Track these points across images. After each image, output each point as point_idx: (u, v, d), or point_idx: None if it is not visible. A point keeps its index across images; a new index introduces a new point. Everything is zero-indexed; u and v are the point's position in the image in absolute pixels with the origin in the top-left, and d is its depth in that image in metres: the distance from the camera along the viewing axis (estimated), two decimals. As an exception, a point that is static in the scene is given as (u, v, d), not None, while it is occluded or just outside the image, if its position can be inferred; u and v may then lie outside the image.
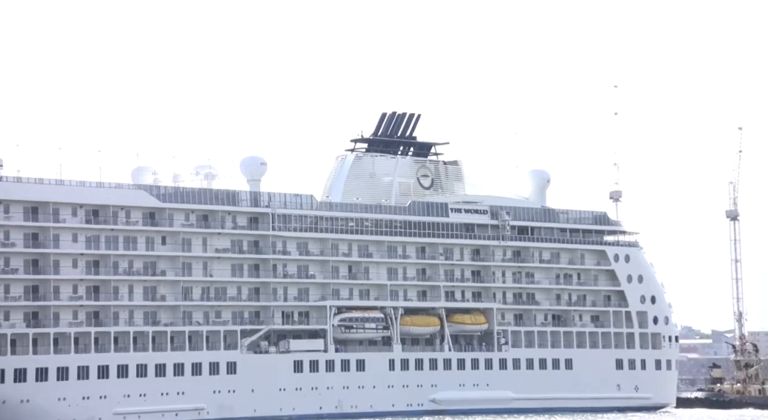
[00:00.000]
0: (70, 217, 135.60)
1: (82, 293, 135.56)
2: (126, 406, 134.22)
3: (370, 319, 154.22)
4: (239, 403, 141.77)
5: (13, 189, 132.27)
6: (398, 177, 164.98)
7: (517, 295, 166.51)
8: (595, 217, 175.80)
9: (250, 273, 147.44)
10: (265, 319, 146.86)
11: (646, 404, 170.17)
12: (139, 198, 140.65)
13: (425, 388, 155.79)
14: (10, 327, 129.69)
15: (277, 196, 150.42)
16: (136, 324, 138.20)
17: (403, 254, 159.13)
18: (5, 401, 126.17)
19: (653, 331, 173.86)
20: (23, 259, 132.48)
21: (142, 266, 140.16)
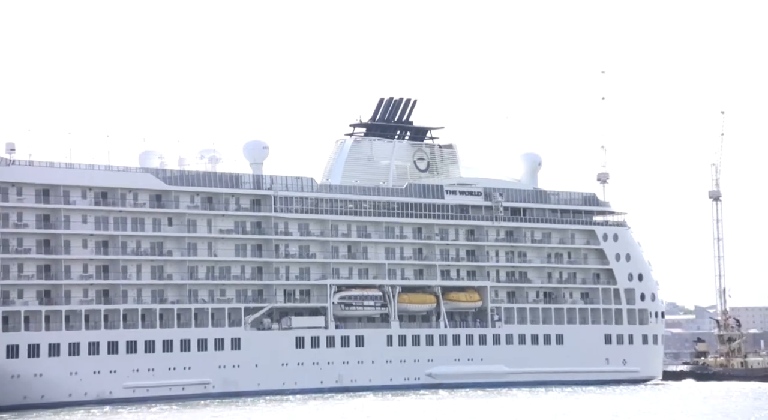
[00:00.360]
0: (80, 199, 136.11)
1: (92, 272, 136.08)
2: (135, 381, 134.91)
3: (368, 297, 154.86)
4: (243, 377, 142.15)
5: (26, 172, 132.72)
6: (395, 160, 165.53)
7: (510, 274, 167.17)
8: (585, 198, 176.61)
9: (253, 253, 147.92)
10: (267, 297, 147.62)
11: (634, 377, 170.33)
12: (146, 181, 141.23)
13: (422, 363, 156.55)
14: (23, 304, 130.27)
15: (278, 179, 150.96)
16: (144, 302, 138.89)
17: (401, 234, 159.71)
18: (19, 375, 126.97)
19: (640, 307, 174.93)
20: (35, 239, 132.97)
21: (150, 246, 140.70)
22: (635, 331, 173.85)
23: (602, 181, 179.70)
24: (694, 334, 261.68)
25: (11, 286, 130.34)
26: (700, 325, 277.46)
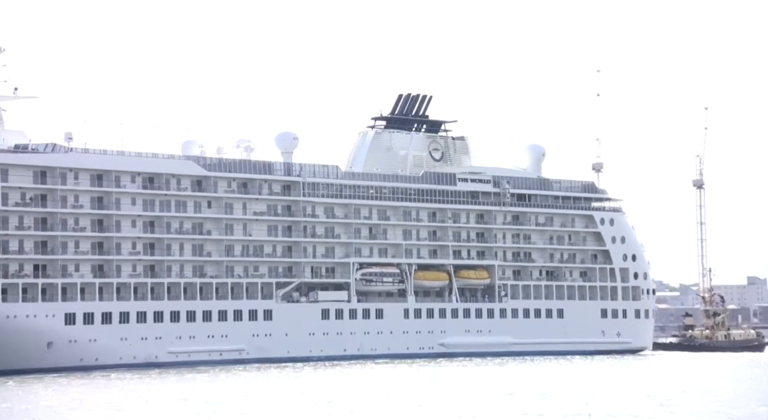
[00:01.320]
0: (130, 183, 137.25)
1: (140, 249, 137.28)
2: (178, 346, 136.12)
3: (387, 274, 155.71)
4: (274, 345, 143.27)
5: (82, 159, 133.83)
6: (412, 150, 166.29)
7: (516, 254, 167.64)
8: (584, 186, 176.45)
9: (283, 233, 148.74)
10: (296, 273, 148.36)
11: (627, 348, 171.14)
12: (188, 167, 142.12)
13: (435, 334, 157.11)
14: (79, 277, 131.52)
15: (307, 167, 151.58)
16: (185, 276, 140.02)
17: (417, 218, 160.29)
18: (76, 340, 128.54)
19: (633, 285, 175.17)
20: (90, 219, 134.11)
21: (191, 226, 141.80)
22: (628, 307, 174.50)
23: (597, 171, 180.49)
24: (678, 309, 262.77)
25: (69, 261, 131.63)
26: (683, 301, 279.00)
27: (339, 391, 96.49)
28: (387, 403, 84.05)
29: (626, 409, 75.39)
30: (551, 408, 77.01)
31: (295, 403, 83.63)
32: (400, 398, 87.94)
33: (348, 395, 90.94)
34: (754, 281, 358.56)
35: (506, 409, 77.63)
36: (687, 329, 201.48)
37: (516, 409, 77.95)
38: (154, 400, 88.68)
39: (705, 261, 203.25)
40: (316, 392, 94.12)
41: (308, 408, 79.22)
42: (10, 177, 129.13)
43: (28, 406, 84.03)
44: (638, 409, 76.94)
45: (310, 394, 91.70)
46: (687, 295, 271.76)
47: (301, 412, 75.59)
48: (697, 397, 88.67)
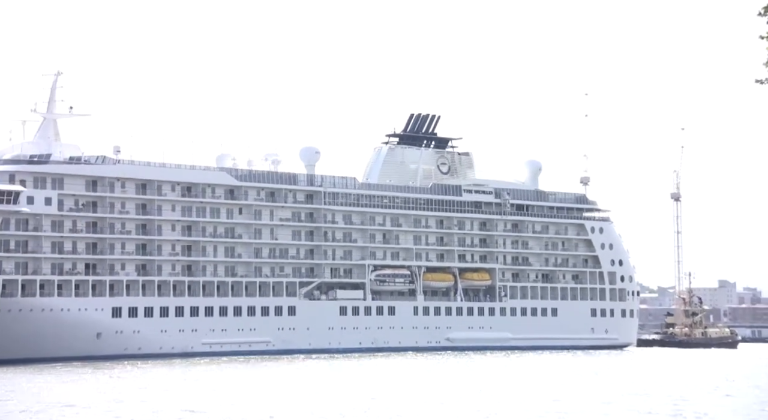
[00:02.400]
0: (170, 192, 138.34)
1: (178, 251, 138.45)
2: (211, 338, 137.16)
3: (399, 275, 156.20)
4: (297, 338, 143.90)
5: (128, 170, 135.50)
6: (422, 164, 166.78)
7: (515, 258, 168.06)
8: (576, 197, 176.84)
9: (306, 238, 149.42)
10: (317, 274, 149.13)
11: (614, 343, 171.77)
12: (221, 178, 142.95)
13: (442, 330, 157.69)
14: (125, 275, 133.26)
15: (327, 178, 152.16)
16: (219, 275, 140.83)
17: (426, 225, 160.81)
18: (122, 331, 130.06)
19: (620, 287, 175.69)
20: (135, 223, 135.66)
21: (224, 231, 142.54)
22: (615, 307, 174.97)
23: (584, 184, 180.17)
24: (657, 309, 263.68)
25: (116, 260, 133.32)
26: (661, 302, 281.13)
27: (359, 380, 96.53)
28: (404, 389, 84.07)
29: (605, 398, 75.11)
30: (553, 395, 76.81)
31: (321, 391, 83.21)
32: (417, 386, 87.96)
33: (368, 384, 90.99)
34: (725, 284, 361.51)
35: (516, 395, 77.78)
36: (668, 327, 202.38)
37: (520, 394, 78.35)
38: (187, 386, 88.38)
39: (681, 266, 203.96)
40: (337, 381, 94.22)
41: (333, 395, 78.85)
42: (66, 185, 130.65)
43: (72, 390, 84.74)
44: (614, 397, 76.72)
45: (333, 383, 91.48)
46: (664, 296, 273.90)
47: (327, 399, 74.92)
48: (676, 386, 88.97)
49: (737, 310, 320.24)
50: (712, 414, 64.50)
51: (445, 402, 69.89)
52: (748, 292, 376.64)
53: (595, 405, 67.51)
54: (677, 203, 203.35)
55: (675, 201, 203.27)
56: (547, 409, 63.95)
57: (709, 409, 67.12)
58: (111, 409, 65.33)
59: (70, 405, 67.80)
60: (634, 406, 67.78)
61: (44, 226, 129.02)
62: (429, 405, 67.05)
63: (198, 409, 64.63)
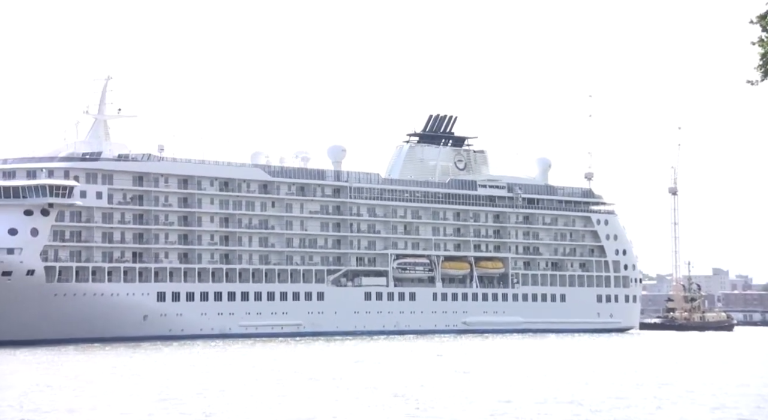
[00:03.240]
0: (209, 186, 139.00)
1: (216, 241, 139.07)
2: (247, 321, 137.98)
3: (419, 264, 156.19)
4: (326, 321, 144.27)
5: (171, 166, 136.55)
6: (440, 161, 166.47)
7: (526, 248, 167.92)
8: (583, 192, 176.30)
9: (333, 229, 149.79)
10: (344, 262, 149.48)
11: (618, 327, 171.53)
12: (256, 173, 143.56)
13: (458, 314, 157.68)
14: (168, 263, 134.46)
15: (353, 174, 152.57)
16: (253, 263, 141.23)
17: (444, 217, 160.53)
18: (165, 314, 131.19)
19: (624, 274, 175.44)
20: (177, 215, 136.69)
21: (258, 223, 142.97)
22: (619, 293, 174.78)
23: (588, 179, 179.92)
24: (655, 295, 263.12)
25: (160, 249, 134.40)
26: (660, 288, 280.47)
27: (387, 358, 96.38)
28: (426, 365, 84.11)
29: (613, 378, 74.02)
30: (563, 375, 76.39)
31: (349, 367, 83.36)
32: (439, 363, 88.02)
33: (394, 362, 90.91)
34: (718, 272, 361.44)
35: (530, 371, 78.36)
36: (668, 312, 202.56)
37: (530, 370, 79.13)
38: (226, 365, 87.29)
39: (678, 255, 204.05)
40: (368, 359, 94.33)
41: (364, 371, 79.22)
42: (115, 181, 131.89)
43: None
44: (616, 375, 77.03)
45: (363, 361, 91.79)
46: (663, 283, 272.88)
47: (356, 374, 74.68)
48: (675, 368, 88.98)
49: (730, 296, 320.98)
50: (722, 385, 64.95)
51: (470, 382, 69.17)
52: (740, 279, 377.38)
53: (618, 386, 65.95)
54: (674, 197, 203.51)
55: (672, 195, 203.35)
56: (573, 388, 63.38)
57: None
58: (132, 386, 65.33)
59: (90, 381, 68.12)
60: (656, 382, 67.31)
61: (95, 218, 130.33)
62: (455, 385, 66.24)
63: (227, 387, 64.28)
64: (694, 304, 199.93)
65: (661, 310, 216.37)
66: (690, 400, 56.30)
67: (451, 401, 53.52)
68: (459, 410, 49.94)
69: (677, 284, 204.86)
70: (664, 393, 59.53)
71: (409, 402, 52.80)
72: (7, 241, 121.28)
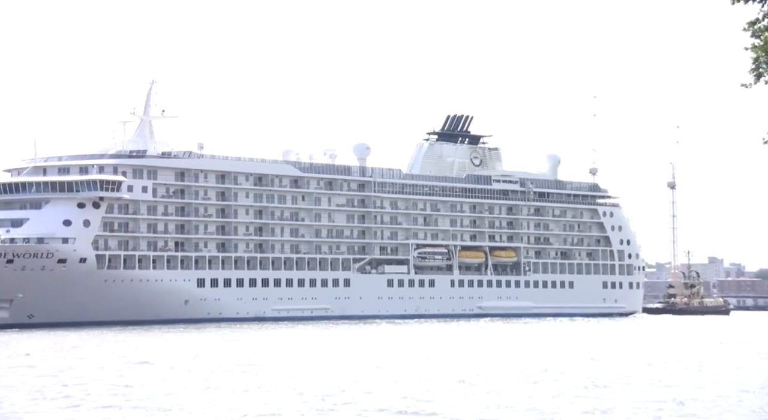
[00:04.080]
0: (244, 181, 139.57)
1: (251, 232, 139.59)
2: (279, 305, 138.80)
3: (438, 253, 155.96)
4: (352, 306, 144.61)
5: (210, 163, 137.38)
6: (458, 158, 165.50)
7: (537, 238, 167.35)
8: (590, 186, 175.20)
9: (359, 220, 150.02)
10: (368, 251, 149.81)
11: (622, 311, 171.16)
12: (287, 169, 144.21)
13: (474, 299, 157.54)
14: (208, 252, 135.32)
15: (377, 170, 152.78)
16: (285, 252, 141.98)
17: (460, 210, 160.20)
18: (205, 299, 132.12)
19: (628, 263, 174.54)
20: (215, 208, 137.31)
21: (289, 215, 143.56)
22: (624, 280, 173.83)
23: (593, 174, 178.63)
24: (655, 282, 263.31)
25: (200, 239, 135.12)
26: (659, 276, 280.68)
27: (411, 341, 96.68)
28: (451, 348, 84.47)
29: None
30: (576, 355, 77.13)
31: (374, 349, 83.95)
32: (461, 346, 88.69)
33: (417, 344, 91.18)
34: (713, 260, 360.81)
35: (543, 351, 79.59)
36: (670, 297, 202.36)
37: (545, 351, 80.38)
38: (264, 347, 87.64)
39: (676, 245, 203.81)
40: (393, 341, 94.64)
41: (386, 351, 79.50)
42: (159, 176, 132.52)
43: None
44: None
45: (388, 343, 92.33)
46: (662, 271, 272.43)
47: (382, 355, 74.80)
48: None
49: (724, 283, 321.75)
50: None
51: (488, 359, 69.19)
52: (733, 266, 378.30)
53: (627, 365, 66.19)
54: (673, 191, 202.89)
55: (671, 189, 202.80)
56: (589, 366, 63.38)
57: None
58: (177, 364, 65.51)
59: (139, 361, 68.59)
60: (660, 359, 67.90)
61: (141, 210, 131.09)
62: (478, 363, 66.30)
63: (261, 362, 64.88)
64: (694, 291, 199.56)
65: (660, 296, 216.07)
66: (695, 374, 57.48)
67: (485, 375, 54.44)
68: (496, 380, 51.16)
69: (675, 272, 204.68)
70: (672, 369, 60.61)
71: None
72: (62, 231, 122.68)
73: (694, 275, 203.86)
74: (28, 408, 42.81)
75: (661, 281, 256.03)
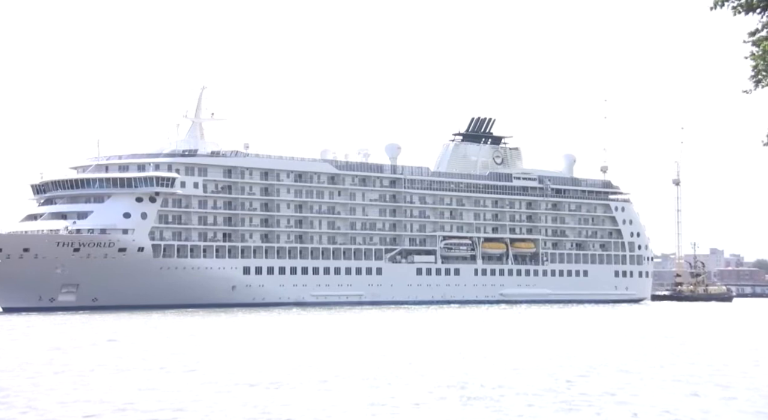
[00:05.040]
0: (286, 178, 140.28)
1: (292, 224, 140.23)
2: (317, 292, 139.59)
3: (463, 244, 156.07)
4: (383, 292, 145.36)
5: (255, 161, 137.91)
6: (481, 157, 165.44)
7: (554, 231, 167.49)
8: (603, 183, 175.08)
9: (390, 214, 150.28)
10: (399, 242, 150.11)
11: (632, 298, 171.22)
12: (325, 167, 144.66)
13: (496, 287, 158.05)
14: (252, 242, 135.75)
15: (406, 168, 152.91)
16: (323, 243, 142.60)
17: (483, 204, 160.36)
18: (250, 285, 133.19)
19: (638, 254, 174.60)
20: (259, 202, 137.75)
21: (327, 209, 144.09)
22: (634, 269, 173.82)
23: (603, 172, 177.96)
24: (661, 271, 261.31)
25: (245, 231, 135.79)
26: (664, 266, 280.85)
27: (441, 322, 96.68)
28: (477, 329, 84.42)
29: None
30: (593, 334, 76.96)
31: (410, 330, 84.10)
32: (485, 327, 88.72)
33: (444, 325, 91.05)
34: (715, 251, 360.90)
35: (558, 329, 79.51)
36: (677, 285, 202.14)
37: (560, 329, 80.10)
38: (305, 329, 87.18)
39: (680, 237, 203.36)
40: (424, 323, 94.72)
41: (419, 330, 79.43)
42: (208, 173, 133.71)
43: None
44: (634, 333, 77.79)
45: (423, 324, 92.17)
46: (667, 261, 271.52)
47: (416, 334, 74.23)
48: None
49: (724, 272, 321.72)
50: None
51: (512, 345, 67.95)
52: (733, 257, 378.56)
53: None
54: (678, 187, 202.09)
55: (676, 185, 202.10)
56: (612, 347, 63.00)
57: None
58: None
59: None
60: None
61: (193, 204, 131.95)
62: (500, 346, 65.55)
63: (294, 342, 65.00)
64: (699, 279, 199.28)
65: (666, 284, 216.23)
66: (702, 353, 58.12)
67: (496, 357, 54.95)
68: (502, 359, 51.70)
69: (680, 262, 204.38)
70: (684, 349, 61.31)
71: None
72: (123, 223, 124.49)
73: (700, 265, 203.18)
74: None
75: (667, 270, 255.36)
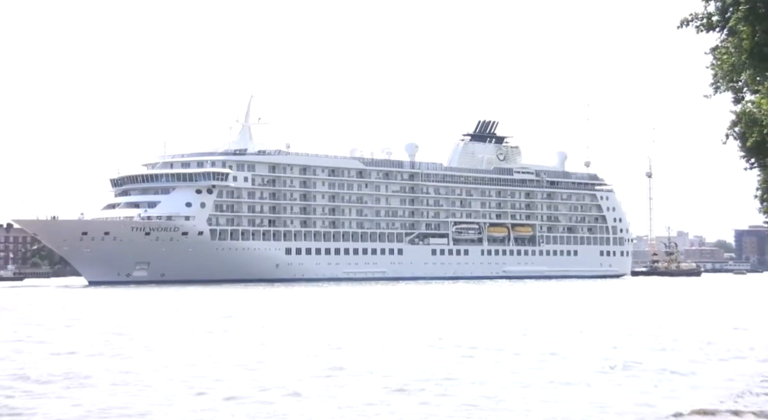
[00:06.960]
0: (321, 173, 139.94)
1: (326, 212, 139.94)
2: (348, 269, 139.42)
3: (471, 229, 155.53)
4: (404, 269, 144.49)
5: (294, 158, 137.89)
6: (486, 154, 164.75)
7: (549, 217, 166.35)
8: (590, 176, 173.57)
9: (409, 203, 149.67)
10: (417, 227, 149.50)
11: (615, 273, 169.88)
12: (354, 163, 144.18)
13: (500, 265, 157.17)
14: (293, 227, 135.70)
15: (423, 164, 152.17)
16: (352, 228, 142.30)
17: (489, 195, 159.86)
18: (290, 263, 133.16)
19: (620, 236, 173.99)
20: (299, 194, 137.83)
21: (356, 199, 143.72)
22: (617, 249, 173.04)
23: (587, 166, 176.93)
24: (635, 251, 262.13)
25: (287, 218, 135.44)
26: (639, 246, 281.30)
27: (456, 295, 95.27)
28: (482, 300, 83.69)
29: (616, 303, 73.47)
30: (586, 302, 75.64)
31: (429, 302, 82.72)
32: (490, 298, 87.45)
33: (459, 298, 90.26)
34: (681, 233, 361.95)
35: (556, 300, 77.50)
36: (653, 262, 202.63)
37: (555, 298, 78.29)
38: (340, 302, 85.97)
39: (652, 222, 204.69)
40: (441, 295, 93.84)
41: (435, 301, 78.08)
42: (256, 169, 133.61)
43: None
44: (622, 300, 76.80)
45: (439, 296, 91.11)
46: (641, 242, 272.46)
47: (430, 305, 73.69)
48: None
49: (689, 251, 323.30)
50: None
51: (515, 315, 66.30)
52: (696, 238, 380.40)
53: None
54: (650, 179, 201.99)
55: (648, 177, 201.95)
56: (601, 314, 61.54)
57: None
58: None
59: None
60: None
61: (243, 195, 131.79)
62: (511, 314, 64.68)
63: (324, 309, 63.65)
64: (672, 257, 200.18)
65: (642, 262, 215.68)
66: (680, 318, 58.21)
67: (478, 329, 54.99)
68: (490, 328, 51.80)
69: (653, 242, 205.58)
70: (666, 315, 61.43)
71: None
72: (185, 211, 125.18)
73: (673, 245, 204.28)
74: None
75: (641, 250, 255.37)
